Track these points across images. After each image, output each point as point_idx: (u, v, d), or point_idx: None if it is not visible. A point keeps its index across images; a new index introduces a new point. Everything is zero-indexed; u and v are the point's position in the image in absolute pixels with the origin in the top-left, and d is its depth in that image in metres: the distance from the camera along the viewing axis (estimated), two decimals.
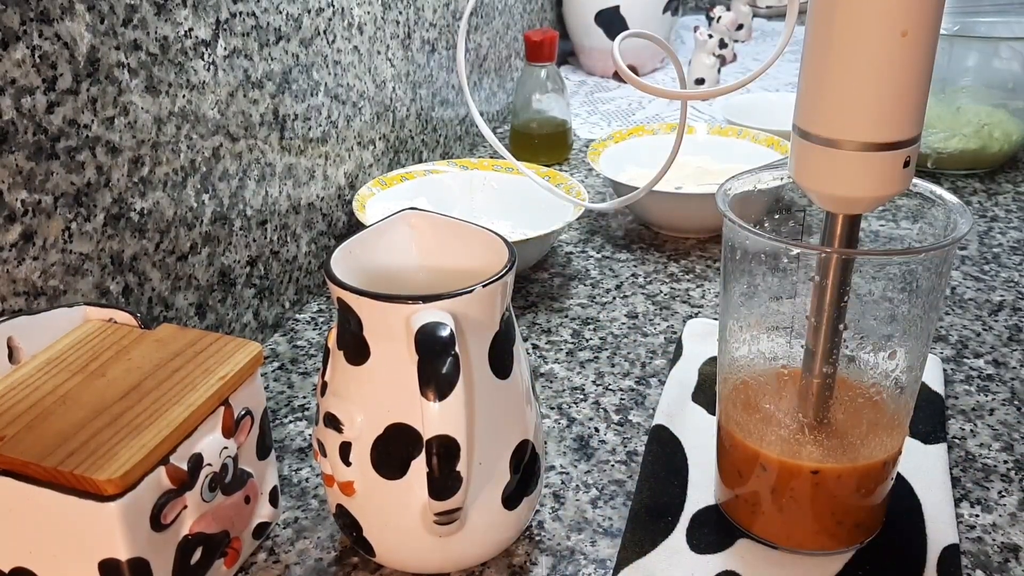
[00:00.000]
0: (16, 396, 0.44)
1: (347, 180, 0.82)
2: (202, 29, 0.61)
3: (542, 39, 1.00)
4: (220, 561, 0.47)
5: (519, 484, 0.48)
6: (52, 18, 0.49)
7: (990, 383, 0.64)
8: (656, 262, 0.82)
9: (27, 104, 0.48)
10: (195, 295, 0.63)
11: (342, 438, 0.46)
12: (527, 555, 0.51)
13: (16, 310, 0.50)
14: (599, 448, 0.59)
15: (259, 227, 0.69)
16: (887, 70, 0.39)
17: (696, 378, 0.64)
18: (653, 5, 1.26)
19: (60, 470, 0.39)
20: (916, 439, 0.58)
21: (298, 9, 0.71)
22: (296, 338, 0.72)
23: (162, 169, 0.59)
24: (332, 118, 0.78)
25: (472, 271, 0.47)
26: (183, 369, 0.46)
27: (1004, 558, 0.50)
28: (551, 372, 0.67)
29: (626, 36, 0.48)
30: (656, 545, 0.50)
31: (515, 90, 1.05)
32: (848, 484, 0.47)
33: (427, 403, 0.40)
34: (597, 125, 1.16)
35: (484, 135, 0.51)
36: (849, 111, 0.40)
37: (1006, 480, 0.56)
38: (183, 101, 0.60)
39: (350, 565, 0.50)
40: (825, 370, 0.44)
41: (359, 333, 0.44)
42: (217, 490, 0.45)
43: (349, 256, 0.47)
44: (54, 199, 0.51)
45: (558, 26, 1.37)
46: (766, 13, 1.60)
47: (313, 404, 0.64)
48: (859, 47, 0.39)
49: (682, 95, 0.45)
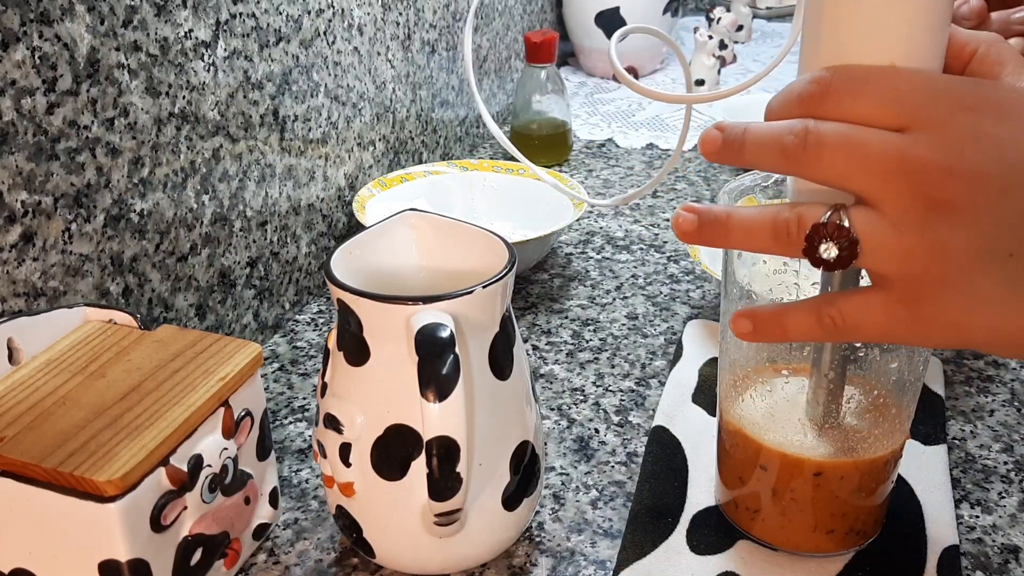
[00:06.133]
0: (16, 397, 0.44)
1: (347, 181, 0.82)
2: (202, 30, 0.61)
3: (542, 40, 1.00)
4: (220, 562, 0.47)
5: (519, 485, 0.48)
6: (52, 19, 0.49)
7: (990, 384, 0.64)
8: (656, 263, 0.82)
9: (27, 105, 0.49)
10: (195, 296, 0.63)
11: (342, 439, 0.46)
12: (527, 556, 0.51)
13: (16, 311, 0.50)
14: (599, 449, 0.59)
15: (259, 228, 0.69)
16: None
17: (696, 379, 0.64)
18: (653, 6, 1.26)
19: (60, 471, 0.39)
20: (916, 440, 0.58)
21: (298, 10, 0.71)
22: (296, 339, 0.72)
23: (162, 170, 0.59)
24: (332, 119, 0.78)
25: (472, 272, 0.47)
26: (183, 370, 0.46)
27: (1004, 559, 0.50)
28: (551, 373, 0.67)
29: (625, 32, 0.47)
30: (656, 546, 0.50)
31: (515, 91, 1.05)
32: (849, 485, 0.47)
33: (427, 404, 0.40)
34: (597, 126, 1.16)
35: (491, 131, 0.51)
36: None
37: (1006, 481, 0.56)
38: (183, 102, 0.60)
39: (350, 566, 0.50)
40: (828, 374, 0.44)
41: (359, 334, 0.44)
42: (217, 491, 0.45)
43: (349, 257, 0.47)
44: (54, 200, 0.51)
45: (558, 27, 1.37)
46: (766, 14, 1.60)
47: (313, 405, 0.64)
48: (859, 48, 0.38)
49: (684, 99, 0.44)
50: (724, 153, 0.38)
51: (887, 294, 0.36)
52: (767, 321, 0.40)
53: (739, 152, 0.38)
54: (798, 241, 0.36)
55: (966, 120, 0.35)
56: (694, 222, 0.39)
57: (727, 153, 0.38)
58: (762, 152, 0.37)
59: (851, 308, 0.37)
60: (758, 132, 0.37)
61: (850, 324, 0.37)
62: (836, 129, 0.35)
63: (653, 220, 0.90)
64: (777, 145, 0.36)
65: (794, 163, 0.36)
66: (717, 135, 0.38)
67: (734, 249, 0.46)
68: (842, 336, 0.38)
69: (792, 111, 0.37)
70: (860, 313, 0.37)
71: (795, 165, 0.36)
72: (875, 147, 0.35)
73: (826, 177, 0.36)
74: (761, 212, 0.38)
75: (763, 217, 0.38)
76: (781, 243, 0.37)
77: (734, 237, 0.38)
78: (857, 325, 0.37)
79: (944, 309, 0.36)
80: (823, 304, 0.38)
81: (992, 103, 0.35)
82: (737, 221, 0.38)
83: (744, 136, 0.38)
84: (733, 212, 0.38)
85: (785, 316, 0.39)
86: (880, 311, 0.37)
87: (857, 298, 0.37)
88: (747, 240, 0.38)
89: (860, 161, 0.35)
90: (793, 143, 0.36)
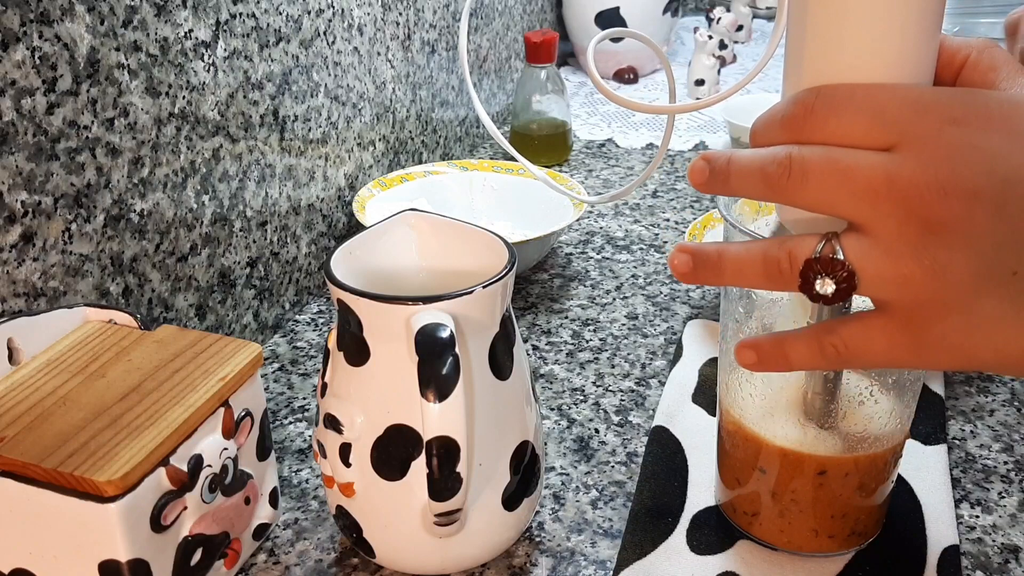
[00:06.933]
0: (16, 397, 0.44)
1: (347, 181, 0.82)
2: (202, 30, 0.61)
3: (542, 40, 1.00)
4: (220, 562, 0.47)
5: (519, 485, 0.48)
6: (52, 19, 0.49)
7: (990, 384, 0.64)
8: (656, 263, 0.82)
9: (27, 105, 0.49)
10: (195, 296, 0.63)
11: (342, 439, 0.46)
12: (527, 556, 0.51)
13: (16, 311, 0.50)
14: (599, 449, 0.59)
15: (259, 228, 0.69)
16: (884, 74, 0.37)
17: (696, 379, 0.64)
18: (653, 6, 1.26)
19: (60, 471, 0.39)
20: (916, 440, 0.58)
21: (298, 10, 0.71)
22: (296, 339, 0.72)
23: (162, 170, 0.59)
24: (332, 119, 0.78)
25: (472, 272, 0.47)
26: (183, 370, 0.46)
27: (1004, 559, 0.50)
28: (551, 373, 0.67)
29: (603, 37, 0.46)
30: (656, 546, 0.50)
31: (515, 91, 1.05)
32: (850, 485, 0.47)
33: (427, 404, 0.40)
34: (597, 126, 1.16)
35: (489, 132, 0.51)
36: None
37: (1006, 481, 0.56)
38: (183, 102, 0.60)
39: (350, 566, 0.50)
40: (827, 373, 0.44)
41: (359, 334, 0.44)
42: (217, 491, 0.45)
43: (349, 257, 0.47)
44: (54, 200, 0.51)
45: (558, 27, 1.37)
46: (766, 14, 1.60)
47: (313, 405, 0.64)
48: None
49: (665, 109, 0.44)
50: (711, 184, 0.37)
51: (888, 320, 0.35)
52: (770, 352, 0.39)
53: (725, 182, 0.37)
54: (792, 278, 0.35)
55: (955, 134, 0.33)
56: (688, 263, 0.38)
57: (714, 184, 0.37)
58: (747, 182, 0.36)
59: (852, 336, 0.36)
60: (742, 162, 0.36)
61: (853, 353, 0.36)
62: (820, 154, 0.34)
63: (653, 220, 0.90)
64: (761, 174, 0.35)
65: (780, 192, 0.35)
66: (704, 166, 0.37)
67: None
68: (845, 364, 0.37)
69: (776, 135, 0.36)
70: (861, 341, 0.36)
71: (781, 194, 0.35)
72: (862, 171, 0.33)
73: (813, 204, 0.35)
74: (749, 250, 0.37)
75: (751, 255, 0.37)
76: (774, 280, 0.36)
77: (727, 276, 0.38)
78: (859, 353, 0.36)
79: (948, 333, 0.34)
80: (823, 333, 0.37)
81: (981, 114, 0.34)
82: (729, 261, 0.37)
83: (729, 167, 0.37)
84: (724, 251, 0.37)
85: (787, 346, 0.38)
86: (882, 338, 0.36)
87: (858, 325, 0.36)
88: (740, 279, 0.38)
89: (847, 186, 0.34)
90: (777, 172, 0.35)
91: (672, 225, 0.89)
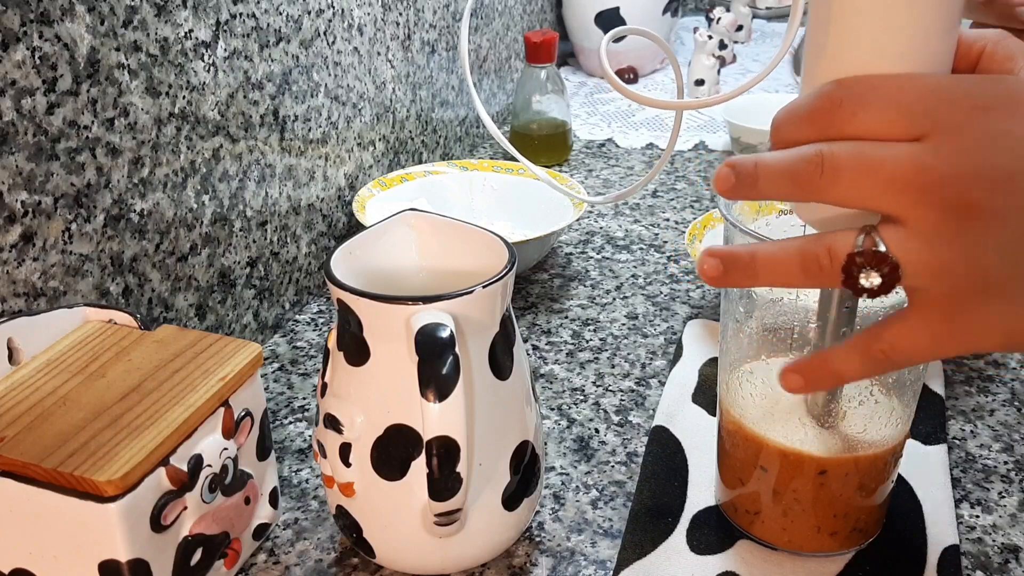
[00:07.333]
0: (16, 397, 0.44)
1: (347, 181, 0.82)
2: (202, 30, 0.61)
3: (542, 40, 1.00)
4: (220, 562, 0.47)
5: (519, 485, 0.48)
6: (52, 19, 0.49)
7: (990, 384, 0.64)
8: (656, 263, 0.82)
9: (27, 105, 0.49)
10: (195, 296, 0.63)
11: (342, 439, 0.46)
12: (527, 556, 0.51)
13: (16, 311, 0.50)
14: (599, 449, 0.59)
15: (259, 228, 0.69)
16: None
17: (696, 379, 0.64)
18: (653, 6, 1.26)
19: (60, 471, 0.39)
20: (916, 440, 0.58)
21: (298, 10, 0.71)
22: (296, 339, 0.72)
23: (162, 170, 0.59)
24: (332, 119, 0.78)
25: (472, 272, 0.47)
26: (183, 370, 0.46)
27: (1004, 559, 0.50)
28: (551, 373, 0.67)
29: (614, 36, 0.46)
30: (656, 546, 0.50)
31: (515, 91, 1.05)
32: (850, 485, 0.47)
33: (427, 404, 0.40)
34: (597, 126, 1.16)
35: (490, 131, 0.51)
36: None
37: (1006, 481, 0.56)
38: (183, 102, 0.60)
39: (350, 566, 0.50)
40: None
41: (359, 334, 0.44)
42: (217, 491, 0.45)
43: (349, 257, 0.47)
44: (54, 200, 0.51)
45: (558, 27, 1.37)
46: (766, 14, 1.60)
47: (313, 405, 0.64)
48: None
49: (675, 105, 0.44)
50: (738, 189, 0.37)
51: (928, 312, 0.35)
52: (817, 371, 0.38)
53: (753, 186, 0.36)
54: (834, 273, 0.35)
55: (984, 121, 0.33)
56: (718, 267, 0.37)
57: (741, 189, 0.37)
58: (778, 184, 0.36)
59: (897, 337, 0.36)
60: (771, 164, 0.36)
61: (900, 353, 0.36)
62: (850, 150, 0.34)
63: (653, 220, 0.90)
64: (791, 175, 0.35)
65: (813, 191, 0.35)
66: (730, 172, 0.37)
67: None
68: (895, 367, 0.37)
69: (801, 129, 0.36)
70: (907, 340, 0.36)
71: (814, 192, 0.35)
72: (893, 163, 0.33)
73: (847, 200, 0.35)
74: (784, 248, 0.36)
75: (787, 254, 0.36)
76: (813, 277, 0.36)
77: (762, 277, 0.37)
78: (906, 352, 0.36)
79: (987, 316, 0.35)
80: (869, 341, 0.37)
81: (1005, 99, 0.34)
82: (763, 261, 0.37)
83: (757, 170, 0.36)
84: (757, 252, 0.37)
85: (835, 362, 0.38)
86: (925, 332, 0.36)
87: (900, 326, 0.36)
88: (776, 278, 0.37)
89: (880, 180, 0.34)
90: (808, 171, 0.35)
91: (672, 225, 0.89)
